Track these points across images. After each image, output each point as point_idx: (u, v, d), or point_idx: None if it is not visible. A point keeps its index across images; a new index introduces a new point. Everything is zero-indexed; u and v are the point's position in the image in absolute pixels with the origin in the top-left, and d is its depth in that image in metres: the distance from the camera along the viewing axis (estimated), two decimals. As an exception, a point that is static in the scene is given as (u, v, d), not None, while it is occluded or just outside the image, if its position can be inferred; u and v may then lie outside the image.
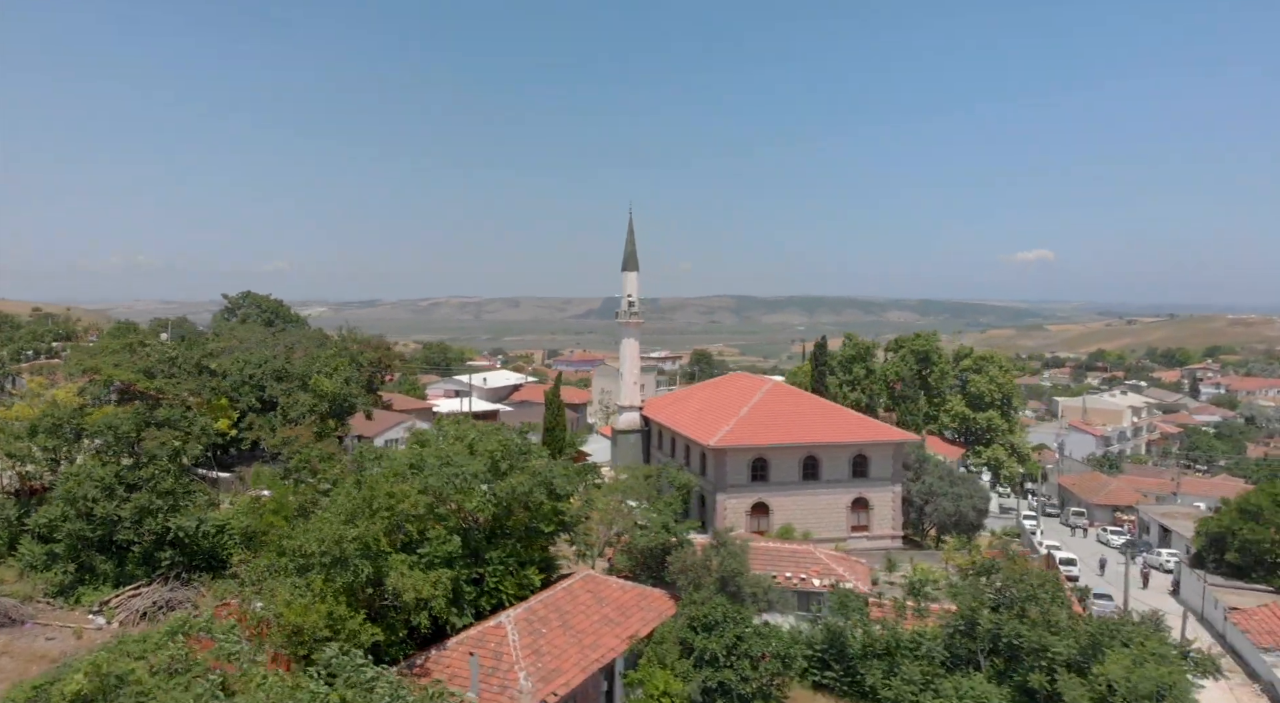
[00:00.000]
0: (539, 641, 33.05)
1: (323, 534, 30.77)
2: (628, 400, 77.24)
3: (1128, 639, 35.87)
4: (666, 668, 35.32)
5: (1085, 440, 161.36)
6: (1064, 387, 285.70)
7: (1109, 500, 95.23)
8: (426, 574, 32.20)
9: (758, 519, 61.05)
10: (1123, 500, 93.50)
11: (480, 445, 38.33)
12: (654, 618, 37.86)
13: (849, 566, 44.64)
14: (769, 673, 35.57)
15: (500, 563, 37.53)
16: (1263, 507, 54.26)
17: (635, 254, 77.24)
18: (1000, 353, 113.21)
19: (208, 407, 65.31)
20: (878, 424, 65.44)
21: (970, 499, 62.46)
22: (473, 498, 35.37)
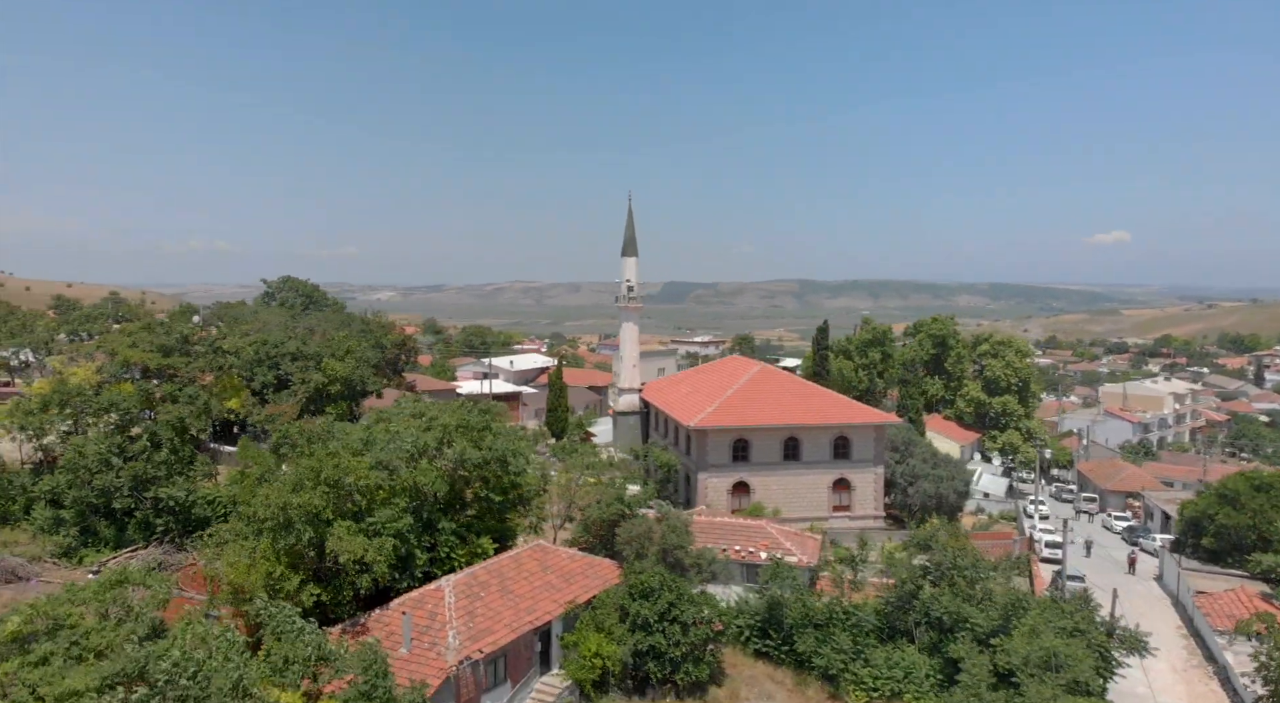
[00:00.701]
0: (475, 603, 35.25)
1: (269, 502, 33.30)
2: (627, 383, 79.06)
3: (1052, 616, 36.83)
4: (602, 632, 37.27)
5: (1121, 427, 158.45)
6: (1120, 373, 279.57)
7: (1122, 486, 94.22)
8: (370, 541, 34.59)
9: (739, 498, 62.52)
10: (1137, 487, 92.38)
11: (436, 423, 40.49)
12: (598, 585, 39.80)
13: (799, 541, 46.03)
14: (699, 638, 37.22)
15: (453, 533, 39.91)
16: (1240, 492, 54.02)
17: (634, 240, 78.79)
18: (1019, 337, 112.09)
19: (219, 385, 68.91)
20: (860, 407, 66.27)
21: (951, 482, 63.08)
22: (421, 471, 37.59)
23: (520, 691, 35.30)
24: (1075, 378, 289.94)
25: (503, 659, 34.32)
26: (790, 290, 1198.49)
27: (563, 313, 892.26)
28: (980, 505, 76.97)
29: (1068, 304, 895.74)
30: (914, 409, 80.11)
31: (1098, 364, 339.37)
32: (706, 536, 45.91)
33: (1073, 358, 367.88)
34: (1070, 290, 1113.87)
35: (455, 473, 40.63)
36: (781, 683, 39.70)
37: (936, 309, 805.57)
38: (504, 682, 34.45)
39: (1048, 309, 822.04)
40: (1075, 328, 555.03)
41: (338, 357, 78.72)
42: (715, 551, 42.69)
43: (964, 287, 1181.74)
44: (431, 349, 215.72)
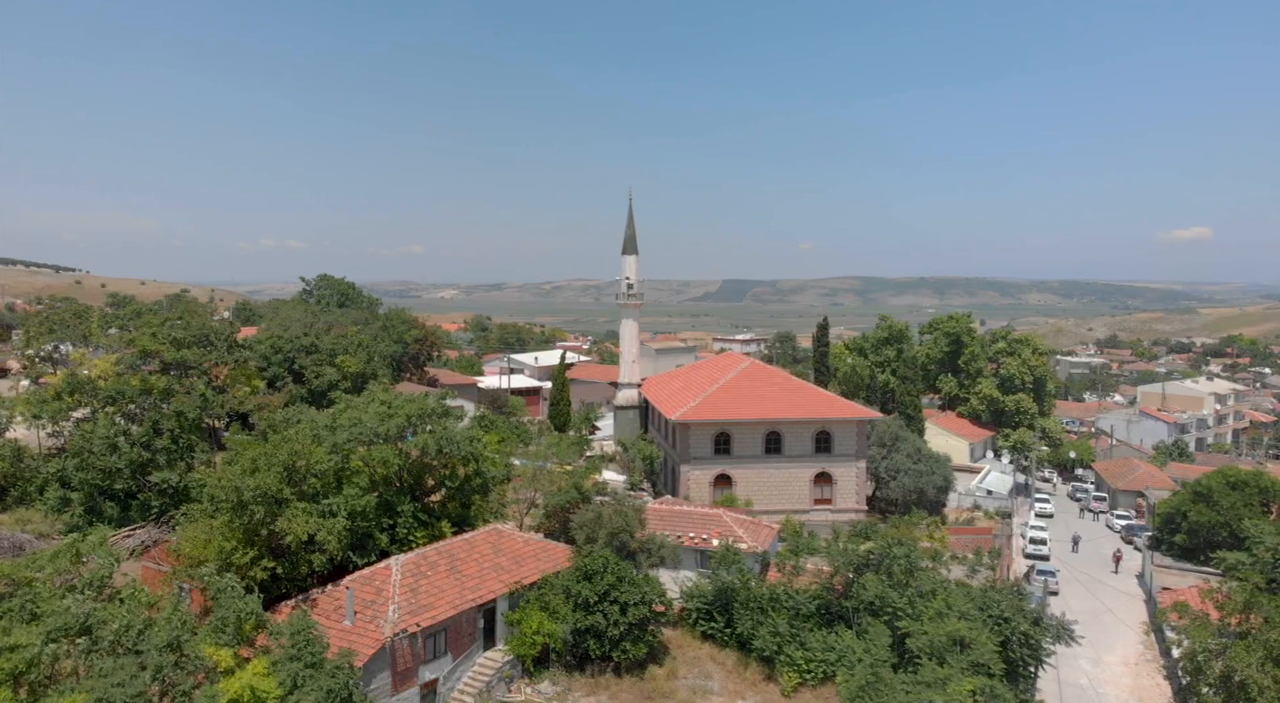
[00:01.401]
0: (420, 581, 37.53)
1: (222, 483, 35.96)
2: (626, 378, 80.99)
3: (960, 602, 37.92)
4: (547, 611, 39.29)
5: (1156, 427, 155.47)
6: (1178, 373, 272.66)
7: (1133, 486, 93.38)
8: (324, 521, 37.08)
9: (721, 490, 63.96)
10: (1147, 486, 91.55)
11: (398, 410, 42.86)
12: (549, 568, 41.81)
13: (752, 529, 47.47)
14: (637, 618, 38.93)
15: (413, 517, 42.29)
16: (1213, 489, 53.88)
17: (635, 238, 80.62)
18: (1035, 336, 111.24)
19: (232, 377, 72.45)
20: (843, 402, 67.17)
21: (931, 477, 63.75)
22: (377, 457, 39.98)
23: (462, 663, 37.48)
24: (1130, 377, 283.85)
25: (443, 634, 36.55)
26: (853, 288, 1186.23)
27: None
28: (977, 502, 77.19)
29: (1144, 302, 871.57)
30: (912, 405, 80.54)
31: (1155, 364, 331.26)
32: (665, 523, 47.63)
33: (1131, 357, 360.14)
34: (1148, 288, 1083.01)
35: (419, 460, 43.00)
36: (722, 664, 41.24)
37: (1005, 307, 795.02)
38: (445, 654, 36.67)
39: (1122, 307, 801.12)
40: (1143, 327, 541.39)
41: (350, 352, 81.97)
42: (666, 536, 44.38)
43: (1035, 284, 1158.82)
44: (471, 345, 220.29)
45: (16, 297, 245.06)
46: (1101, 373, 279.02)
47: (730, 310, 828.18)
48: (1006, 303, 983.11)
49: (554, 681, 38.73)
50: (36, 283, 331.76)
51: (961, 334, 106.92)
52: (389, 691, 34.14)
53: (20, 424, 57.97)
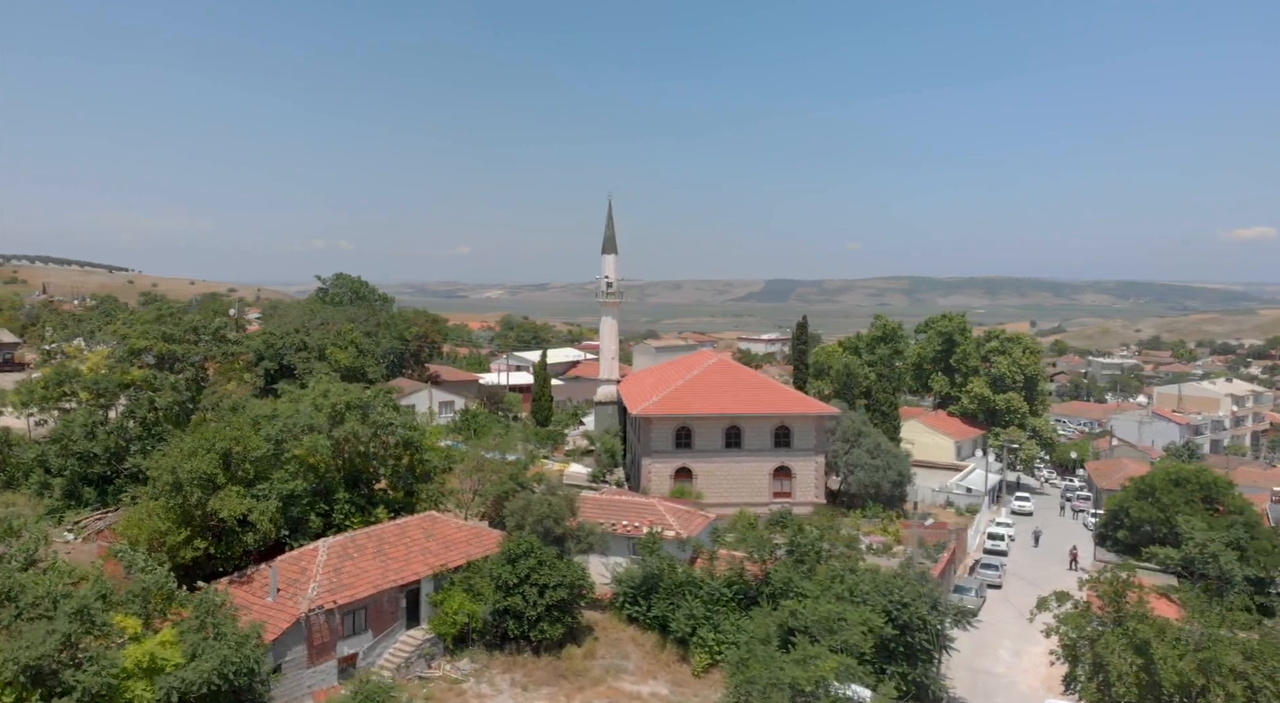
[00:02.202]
0: (345, 562, 39.69)
1: (161, 467, 38.43)
2: (606, 375, 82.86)
3: (885, 588, 39.22)
4: (470, 592, 41.28)
5: (1168, 428, 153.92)
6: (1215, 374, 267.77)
7: (1117, 485, 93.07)
8: (256, 503, 39.42)
9: (682, 483, 65.52)
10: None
11: (330, 401, 45.04)
12: (479, 552, 43.77)
13: (684, 518, 49.06)
14: (555, 600, 40.71)
15: (349, 502, 44.53)
16: (1155, 486, 54.37)
17: (614, 238, 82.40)
18: (1027, 335, 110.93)
19: (223, 371, 75.41)
20: (802, 398, 68.34)
21: (886, 472, 64.70)
22: (310, 444, 42.21)
23: (384, 640, 39.59)
24: (1163, 379, 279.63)
25: (363, 611, 38.69)
26: (901, 287, 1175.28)
27: (662, 311, 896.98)
28: (950, 498, 77.91)
29: (1202, 303, 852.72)
30: (887, 403, 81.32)
31: (1193, 366, 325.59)
32: (603, 512, 49.45)
33: (1169, 359, 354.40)
34: (1207, 289, 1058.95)
35: (356, 449, 45.21)
36: (642, 645, 42.93)
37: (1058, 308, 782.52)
38: (365, 631, 38.81)
39: (1179, 308, 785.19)
40: (1193, 328, 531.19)
41: (341, 347, 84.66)
42: (601, 524, 46.15)
43: (1090, 284, 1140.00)
44: (491, 342, 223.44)
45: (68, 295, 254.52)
46: (1132, 374, 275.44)
47: (773, 311, 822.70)
48: (1059, 303, 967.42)
49: (474, 658, 40.70)
50: (91, 282, 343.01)
51: (954, 333, 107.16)
52: (305, 663, 36.33)
53: (11, 413, 61.31)
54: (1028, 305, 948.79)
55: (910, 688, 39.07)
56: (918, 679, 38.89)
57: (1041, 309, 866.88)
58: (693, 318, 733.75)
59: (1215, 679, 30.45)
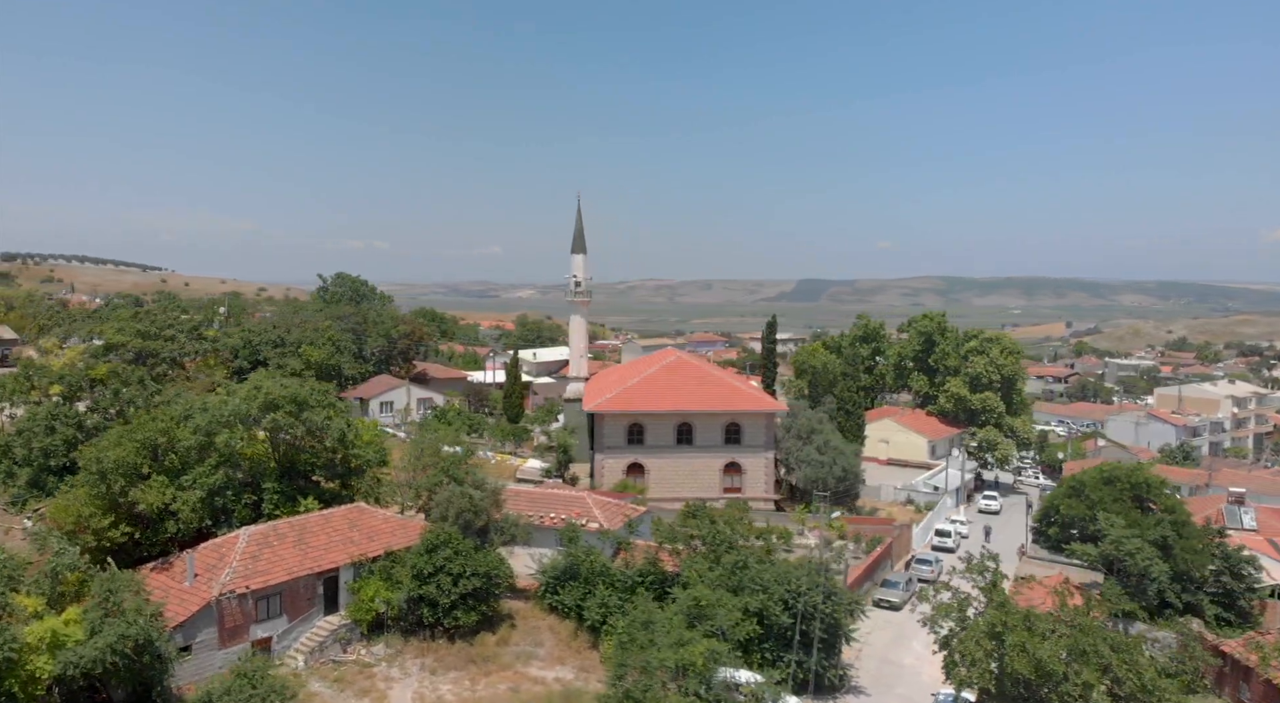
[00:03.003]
0: (264, 550, 41.30)
1: (88, 456, 40.26)
2: (575, 372, 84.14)
3: (785, 579, 40.35)
4: (388, 580, 42.76)
5: (1164, 430, 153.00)
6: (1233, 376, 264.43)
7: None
8: (180, 492, 41.20)
9: (634, 478, 66.79)
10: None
11: (262, 396, 46.61)
12: (401, 543, 45.25)
13: (611, 511, 50.31)
14: (468, 589, 42.07)
15: (278, 493, 46.14)
16: (1086, 484, 54.89)
17: (583, 237, 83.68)
18: (1007, 335, 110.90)
19: (199, 367, 77.71)
20: (752, 395, 69.27)
21: (832, 468, 65.51)
22: (227, 436, 43.70)
23: (299, 625, 41.17)
24: (1182, 380, 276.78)
25: (278, 597, 40.27)
26: (935, 287, 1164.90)
27: (693, 311, 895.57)
28: (911, 496, 78.56)
29: (1244, 304, 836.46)
30: (851, 401, 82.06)
31: (1214, 367, 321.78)
32: (534, 505, 50.92)
33: (1192, 361, 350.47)
34: (1250, 290, 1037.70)
35: (289, 443, 46.87)
36: (558, 633, 44.23)
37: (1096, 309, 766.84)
38: (280, 616, 40.40)
39: (1221, 309, 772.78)
40: (1225, 329, 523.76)
41: (317, 345, 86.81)
42: (522, 516, 47.50)
43: (1129, 285, 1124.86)
44: (498, 341, 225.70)
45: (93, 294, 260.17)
46: (1147, 376, 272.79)
47: (804, 311, 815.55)
48: (1097, 304, 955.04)
49: (389, 644, 42.22)
50: (124, 281, 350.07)
51: (934, 333, 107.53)
52: (216, 644, 37.98)
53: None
54: (1064, 306, 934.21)
55: (806, 675, 40.16)
56: (814, 667, 39.93)
57: (1078, 310, 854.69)
58: (722, 318, 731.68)
59: (1073, 668, 31.27)
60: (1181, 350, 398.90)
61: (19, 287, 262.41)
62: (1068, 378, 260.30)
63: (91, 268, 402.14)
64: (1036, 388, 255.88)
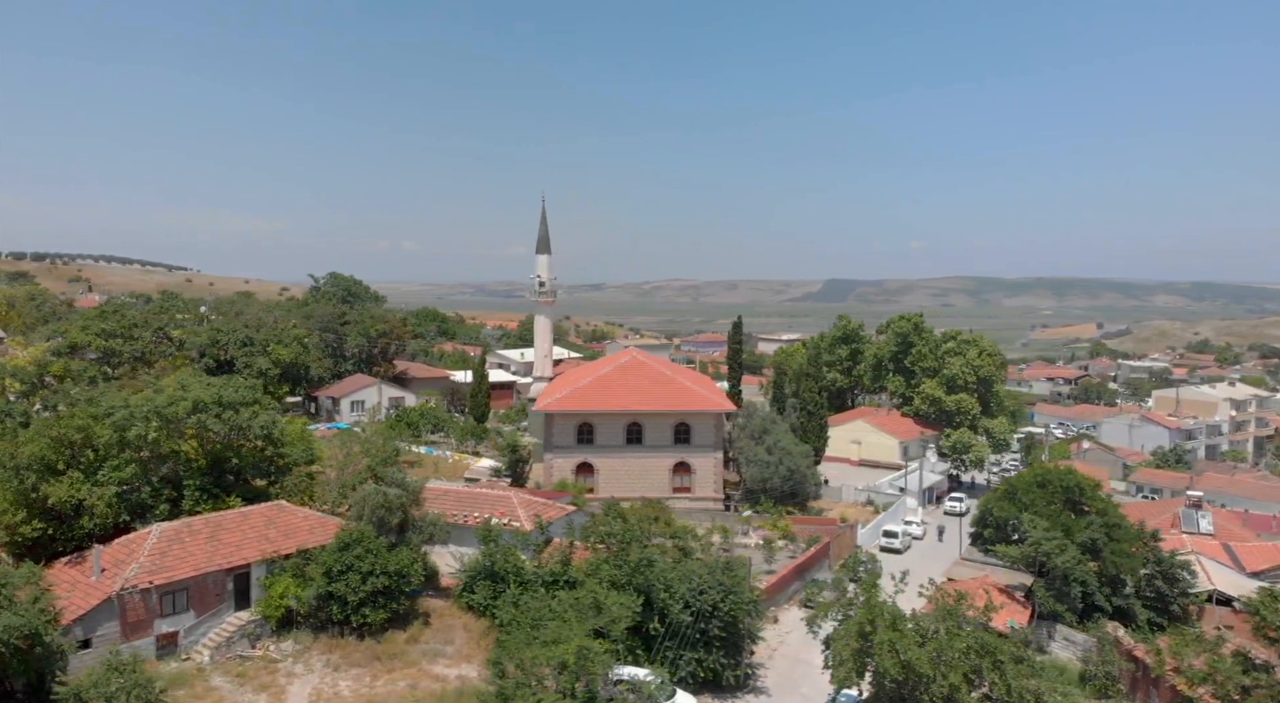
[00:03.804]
0: (174, 546, 41.88)
1: (2, 452, 40.95)
2: (539, 372, 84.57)
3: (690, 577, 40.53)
4: (300, 577, 43.22)
5: (1157, 433, 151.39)
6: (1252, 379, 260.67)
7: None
8: (93, 488, 41.83)
9: (584, 478, 67.04)
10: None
11: (184, 396, 47.22)
12: (318, 541, 45.66)
13: (539, 510, 50.57)
14: (377, 587, 42.43)
15: (199, 490, 46.73)
16: (1018, 487, 54.61)
17: (547, 238, 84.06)
18: (984, 337, 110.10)
19: (165, 366, 78.64)
20: (701, 395, 69.28)
21: (778, 469, 65.39)
22: (136, 433, 44.16)
23: (208, 621, 41.70)
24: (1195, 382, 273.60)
25: (185, 592, 40.82)
26: (964, 288, 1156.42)
27: (717, 311, 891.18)
28: (870, 497, 78.35)
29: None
30: (813, 402, 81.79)
31: (1229, 370, 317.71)
32: (461, 504, 51.36)
33: (1209, 362, 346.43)
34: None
35: (213, 440, 47.46)
36: (471, 631, 44.50)
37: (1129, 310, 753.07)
38: (187, 611, 40.94)
39: (1258, 311, 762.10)
40: (1253, 331, 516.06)
41: (285, 344, 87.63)
42: (442, 515, 47.85)
43: (1163, 285, 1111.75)
44: (499, 341, 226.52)
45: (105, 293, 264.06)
46: (1159, 378, 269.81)
47: (831, 311, 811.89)
48: (1130, 305, 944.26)
49: (298, 640, 42.64)
50: (150, 281, 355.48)
51: (910, 334, 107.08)
52: (118, 638, 38.52)
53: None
54: (1096, 307, 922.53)
55: (707, 674, 40.27)
56: (714, 666, 40.03)
57: (1111, 311, 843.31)
58: (747, 318, 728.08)
59: (940, 669, 31.20)
60: (1202, 352, 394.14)
61: (35, 285, 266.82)
62: (1078, 380, 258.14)
63: (119, 268, 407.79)
64: (1044, 389, 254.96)
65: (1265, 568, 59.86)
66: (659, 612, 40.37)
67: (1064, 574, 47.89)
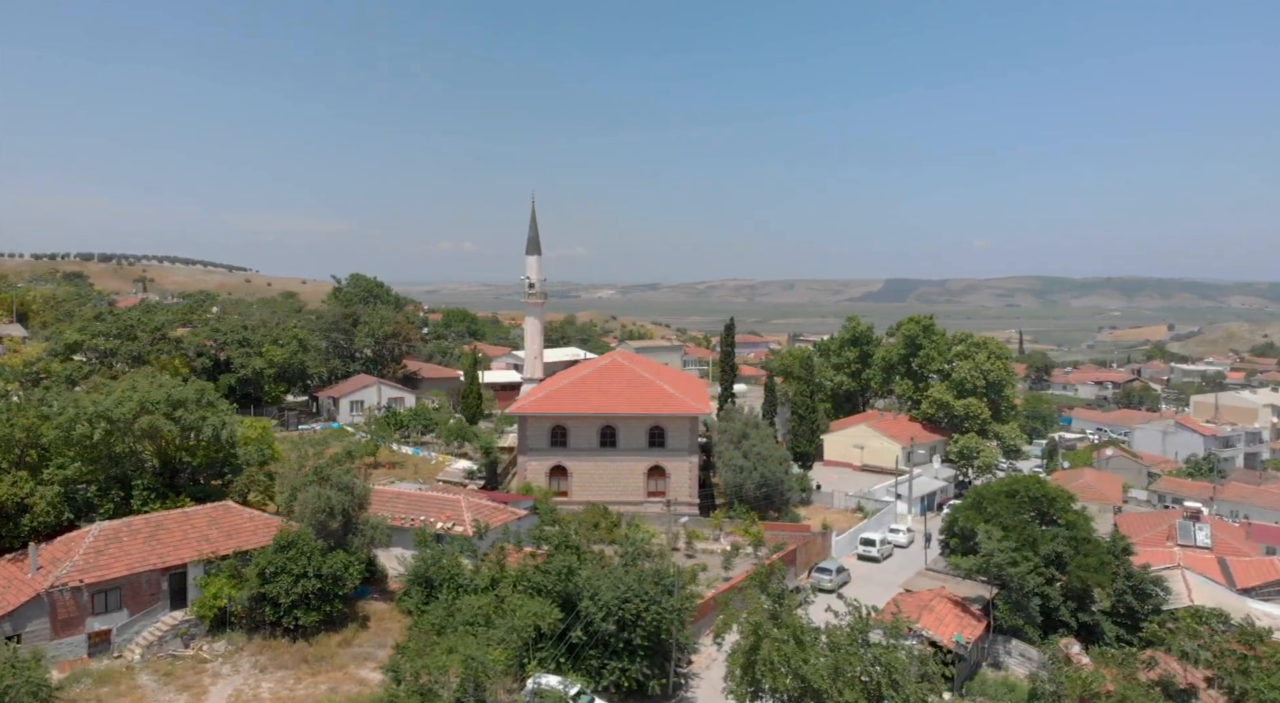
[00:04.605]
0: (111, 545, 42.43)
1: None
2: (529, 374, 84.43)
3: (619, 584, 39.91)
4: (236, 578, 43.50)
5: (1191, 439, 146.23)
6: None
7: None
8: (37, 488, 42.62)
9: (558, 481, 66.70)
10: (1095, 497, 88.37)
11: (133, 398, 47.78)
12: (259, 542, 45.92)
13: (487, 514, 50.31)
14: (309, 589, 42.51)
15: (147, 489, 47.33)
16: (985, 497, 52.86)
17: (537, 240, 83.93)
18: (995, 339, 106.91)
19: (159, 366, 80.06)
20: (676, 399, 68.29)
21: (751, 474, 64.20)
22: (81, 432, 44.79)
23: (141, 619, 42.18)
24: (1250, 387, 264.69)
25: (118, 591, 41.30)
26: (1031, 288, 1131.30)
27: (773, 311, 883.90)
28: (861, 503, 76.74)
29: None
30: (805, 406, 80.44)
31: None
32: (411, 507, 51.34)
33: (1272, 366, 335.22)
34: None
35: (171, 440, 48.06)
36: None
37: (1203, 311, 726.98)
38: (120, 609, 41.43)
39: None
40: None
41: (282, 344, 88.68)
42: (385, 517, 47.84)
43: (1239, 286, 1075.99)
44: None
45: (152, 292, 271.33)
46: (1213, 382, 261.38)
47: (890, 311, 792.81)
48: (1205, 306, 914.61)
49: (232, 641, 42.93)
50: (210, 280, 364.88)
51: (918, 336, 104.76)
52: (48, 634, 39.13)
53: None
54: (1168, 308, 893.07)
55: (631, 683, 39.56)
56: (637, 676, 39.31)
57: (1183, 312, 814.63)
58: (802, 318, 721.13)
59: (836, 685, 30.22)
60: (1265, 356, 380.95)
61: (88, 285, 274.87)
62: (1127, 383, 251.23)
63: (182, 268, 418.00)
64: (1091, 393, 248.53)
65: (1257, 584, 57.35)
66: (584, 620, 39.79)
67: (1019, 587, 46.26)
